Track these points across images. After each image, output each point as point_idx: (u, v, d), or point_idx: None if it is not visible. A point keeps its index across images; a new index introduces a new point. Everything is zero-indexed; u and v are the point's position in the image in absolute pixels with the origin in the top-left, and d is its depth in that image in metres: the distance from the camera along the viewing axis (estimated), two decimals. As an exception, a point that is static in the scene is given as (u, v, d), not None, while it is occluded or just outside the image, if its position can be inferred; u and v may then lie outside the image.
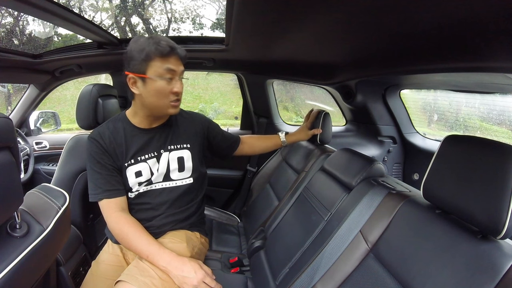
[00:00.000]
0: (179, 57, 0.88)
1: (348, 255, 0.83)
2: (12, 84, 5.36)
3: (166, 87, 0.87)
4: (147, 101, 0.89)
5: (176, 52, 0.87)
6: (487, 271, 0.54)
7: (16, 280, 0.50)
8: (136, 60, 0.84)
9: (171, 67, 0.86)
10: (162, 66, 0.85)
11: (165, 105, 0.89)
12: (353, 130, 2.13)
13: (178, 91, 0.89)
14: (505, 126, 1.86)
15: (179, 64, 0.89)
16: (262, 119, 2.01)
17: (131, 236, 0.87)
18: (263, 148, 1.30)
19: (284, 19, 0.86)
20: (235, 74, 1.97)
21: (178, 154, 1.00)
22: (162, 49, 0.83)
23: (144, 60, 0.84)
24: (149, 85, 0.86)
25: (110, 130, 0.95)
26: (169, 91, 0.87)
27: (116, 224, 0.89)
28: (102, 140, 0.92)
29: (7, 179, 0.49)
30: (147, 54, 0.83)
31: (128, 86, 0.89)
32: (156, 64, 0.84)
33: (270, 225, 1.32)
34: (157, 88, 0.86)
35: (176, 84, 0.88)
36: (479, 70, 0.90)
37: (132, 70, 0.86)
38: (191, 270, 0.82)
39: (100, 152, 0.92)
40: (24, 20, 6.41)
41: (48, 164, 1.86)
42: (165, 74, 0.85)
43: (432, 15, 0.66)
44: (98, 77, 4.01)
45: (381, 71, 1.34)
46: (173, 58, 0.86)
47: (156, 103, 0.89)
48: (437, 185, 0.70)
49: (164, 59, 0.85)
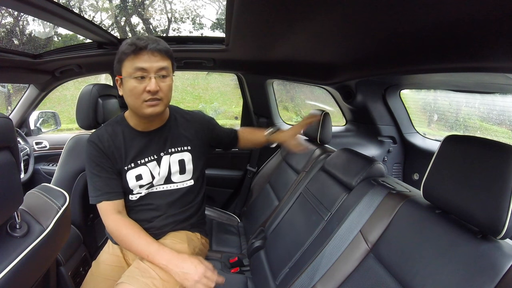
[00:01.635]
0: (154, 53, 0.82)
1: (348, 255, 0.83)
2: (12, 84, 5.36)
3: (137, 86, 0.82)
4: (127, 102, 0.88)
5: (147, 49, 0.81)
6: (487, 271, 0.54)
7: (16, 280, 0.50)
8: (116, 61, 0.86)
9: (141, 65, 0.81)
10: (131, 65, 0.82)
11: (140, 105, 0.85)
12: (353, 130, 2.13)
13: (150, 90, 0.82)
14: (505, 126, 1.86)
15: (154, 61, 0.83)
16: (262, 119, 2.01)
17: (130, 237, 0.87)
18: (255, 145, 1.29)
19: (284, 19, 0.86)
20: (235, 74, 1.97)
21: (179, 156, 0.99)
22: (129, 48, 0.81)
23: (118, 61, 0.85)
24: (125, 86, 0.85)
25: (109, 133, 0.94)
26: (142, 90, 0.83)
27: (115, 226, 0.89)
28: (101, 143, 0.91)
29: (7, 179, 0.49)
30: (120, 54, 0.83)
31: None
32: (127, 64, 0.83)
33: (270, 225, 1.32)
34: (129, 88, 0.83)
35: (150, 82, 0.82)
36: (479, 70, 0.90)
37: (115, 72, 0.87)
38: (191, 266, 0.82)
39: (99, 155, 0.91)
40: (24, 20, 6.41)
41: (48, 164, 1.86)
42: (135, 73, 0.82)
43: (432, 15, 0.66)
44: (98, 77, 4.00)
45: (381, 71, 1.34)
46: (143, 56, 0.82)
47: (132, 103, 0.86)
48: (437, 185, 0.70)
49: (135, 57, 0.81)
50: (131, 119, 0.95)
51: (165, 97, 0.87)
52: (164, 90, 0.86)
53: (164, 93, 0.86)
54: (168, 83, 0.87)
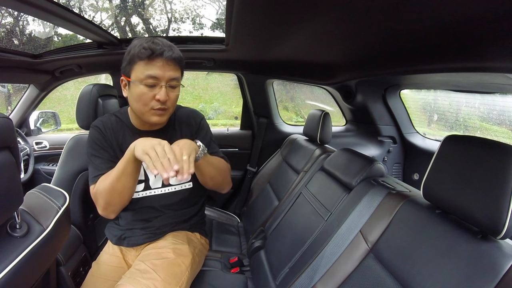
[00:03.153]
0: (168, 61, 0.80)
1: (348, 255, 0.83)
2: (12, 84, 5.36)
3: (147, 93, 0.80)
4: (132, 105, 0.87)
5: (163, 56, 0.79)
6: (487, 271, 0.54)
7: (16, 280, 0.50)
8: (124, 62, 0.83)
9: (153, 73, 0.79)
10: (143, 71, 0.79)
11: (146, 112, 0.84)
12: (353, 130, 2.13)
13: (160, 99, 0.80)
14: (505, 126, 1.86)
15: (167, 69, 0.80)
16: (262, 119, 2.01)
17: (108, 176, 0.83)
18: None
19: (284, 19, 0.86)
20: (235, 74, 1.97)
21: None
22: (144, 52, 0.78)
23: (129, 62, 0.82)
24: (132, 89, 0.83)
25: (112, 123, 0.94)
26: (151, 98, 0.81)
27: (97, 188, 0.85)
28: (104, 129, 0.92)
29: (7, 179, 0.49)
30: (131, 56, 0.80)
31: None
32: (137, 68, 0.80)
33: (270, 225, 1.32)
34: (137, 93, 0.81)
35: (160, 91, 0.80)
36: (479, 70, 0.90)
37: (122, 72, 0.85)
38: (148, 140, 0.75)
39: (103, 139, 0.91)
40: (24, 20, 6.41)
41: (48, 164, 1.86)
42: (146, 80, 0.79)
43: (432, 15, 0.66)
44: (98, 77, 4.00)
45: (381, 71, 1.34)
46: (158, 63, 0.79)
47: (138, 108, 0.84)
48: (437, 185, 0.70)
49: (148, 63, 0.79)
50: (132, 117, 0.95)
51: (172, 106, 0.87)
52: (172, 100, 0.85)
53: (171, 103, 0.85)
54: (177, 93, 0.86)
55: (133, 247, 0.99)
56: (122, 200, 0.86)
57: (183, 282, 0.87)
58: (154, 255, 0.91)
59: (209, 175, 0.91)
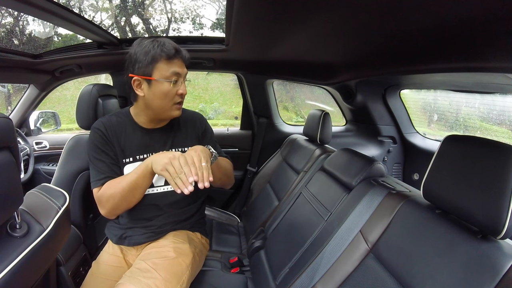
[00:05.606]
0: (183, 60, 0.90)
1: (348, 255, 0.83)
2: (12, 84, 5.35)
3: (172, 89, 0.88)
4: (152, 103, 0.90)
5: (181, 55, 0.89)
6: (487, 271, 0.54)
7: (16, 280, 0.50)
8: (142, 63, 0.85)
9: (177, 70, 0.87)
10: (168, 69, 0.86)
11: (170, 107, 0.91)
12: (353, 130, 2.13)
13: (183, 93, 0.90)
14: (505, 126, 1.86)
15: (183, 66, 0.91)
16: (262, 119, 2.01)
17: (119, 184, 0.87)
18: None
19: (284, 19, 0.86)
20: (235, 74, 1.97)
21: None
22: (168, 52, 0.85)
23: (150, 62, 0.85)
24: (155, 87, 0.87)
25: (113, 123, 0.96)
26: (174, 93, 0.89)
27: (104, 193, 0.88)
28: (105, 130, 0.94)
29: (7, 179, 0.49)
30: (153, 56, 0.85)
31: (132, 88, 0.89)
32: (161, 67, 0.86)
33: (270, 225, 1.32)
34: (163, 90, 0.87)
35: (181, 86, 0.90)
36: (479, 70, 0.90)
37: (138, 73, 0.87)
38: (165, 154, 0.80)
39: (104, 142, 0.93)
40: (24, 20, 6.41)
41: (48, 164, 1.86)
42: (171, 77, 0.87)
43: (432, 15, 0.66)
44: (98, 77, 4.00)
45: (381, 71, 1.34)
46: (178, 61, 0.88)
47: (161, 105, 0.90)
48: (437, 185, 0.70)
49: (169, 61, 0.86)
50: (137, 116, 0.97)
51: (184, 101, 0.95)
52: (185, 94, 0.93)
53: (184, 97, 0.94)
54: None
55: (134, 246, 0.99)
56: (128, 206, 0.92)
57: (183, 281, 0.87)
58: (154, 254, 0.91)
59: (218, 177, 0.96)
